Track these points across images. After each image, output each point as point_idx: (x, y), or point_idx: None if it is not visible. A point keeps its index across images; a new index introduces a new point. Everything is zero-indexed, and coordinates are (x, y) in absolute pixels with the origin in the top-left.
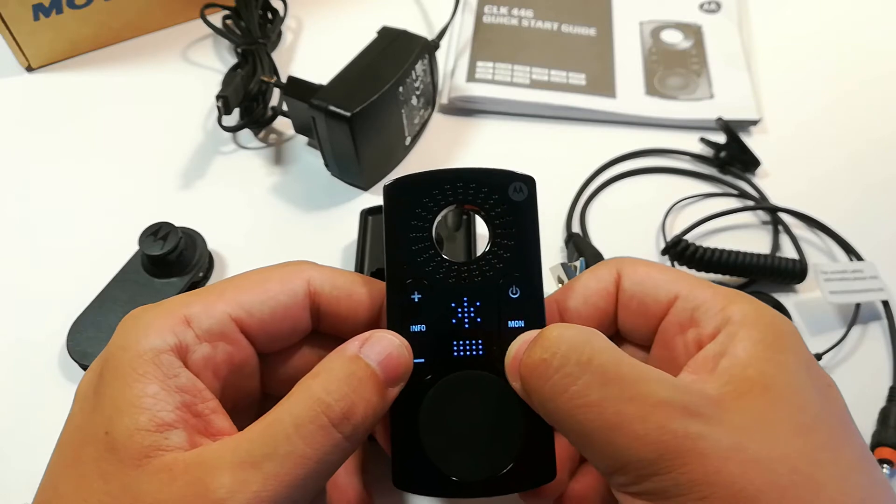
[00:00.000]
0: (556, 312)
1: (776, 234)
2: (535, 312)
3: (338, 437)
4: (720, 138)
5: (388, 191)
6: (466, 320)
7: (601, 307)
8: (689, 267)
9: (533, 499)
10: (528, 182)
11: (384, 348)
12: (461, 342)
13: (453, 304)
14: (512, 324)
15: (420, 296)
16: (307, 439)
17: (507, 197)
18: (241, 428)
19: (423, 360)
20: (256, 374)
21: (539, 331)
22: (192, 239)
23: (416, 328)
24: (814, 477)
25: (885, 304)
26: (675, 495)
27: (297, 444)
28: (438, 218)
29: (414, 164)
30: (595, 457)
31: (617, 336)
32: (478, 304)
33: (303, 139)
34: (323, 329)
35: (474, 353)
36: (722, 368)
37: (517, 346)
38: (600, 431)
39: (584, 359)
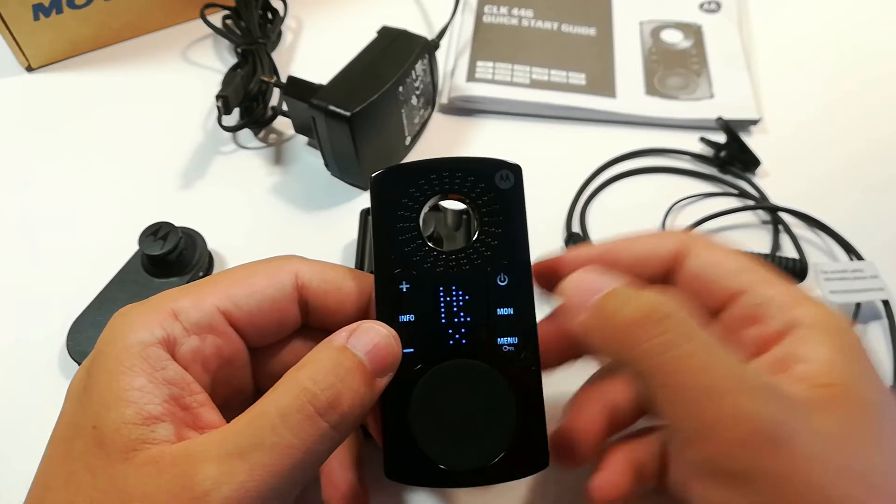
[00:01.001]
0: (603, 259)
1: (776, 233)
2: (524, 299)
3: (324, 427)
4: (720, 138)
5: (375, 181)
6: (455, 309)
7: (649, 275)
8: None
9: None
10: (515, 170)
11: (371, 339)
12: (450, 331)
13: (442, 294)
14: (501, 311)
15: (408, 286)
16: (293, 429)
17: (494, 185)
18: None
19: (412, 350)
20: (247, 368)
21: (621, 287)
22: (192, 239)
23: (404, 318)
24: (893, 492)
25: (886, 303)
26: (752, 482)
27: (284, 434)
28: (426, 208)
29: None
30: (682, 419)
31: None
32: (466, 292)
33: (303, 139)
34: (312, 322)
35: (464, 341)
36: (801, 373)
37: (584, 286)
38: (699, 394)
39: (688, 326)
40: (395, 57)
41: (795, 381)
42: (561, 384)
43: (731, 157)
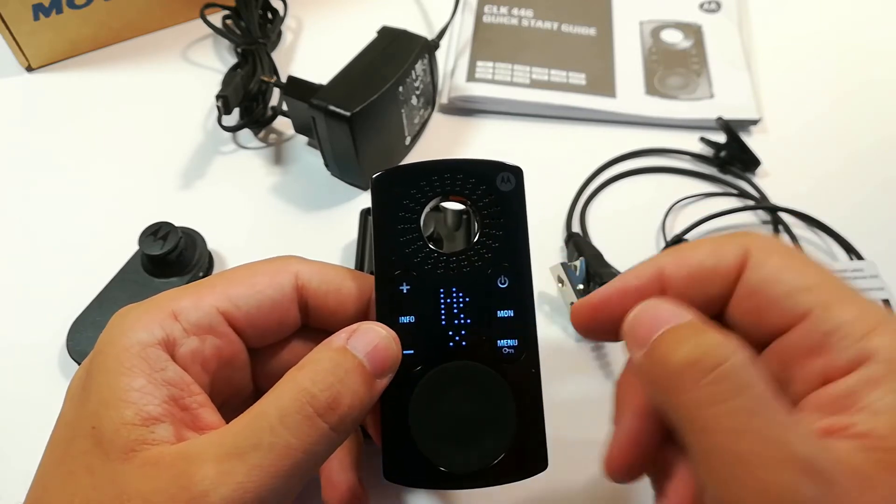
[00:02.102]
0: (657, 283)
1: (776, 233)
2: (524, 302)
3: (323, 428)
4: (720, 138)
5: (376, 182)
6: (456, 311)
7: (710, 294)
8: None
9: None
10: (516, 172)
11: (371, 340)
12: (451, 333)
13: (442, 296)
14: (501, 313)
15: (408, 287)
16: (292, 430)
17: (495, 187)
18: None
19: (412, 352)
20: (247, 368)
21: (683, 324)
22: (192, 239)
23: (404, 320)
24: None
25: (886, 302)
26: None
27: (282, 434)
28: (427, 209)
29: None
30: (713, 485)
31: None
32: (467, 294)
33: (303, 139)
34: (312, 323)
35: (464, 343)
36: (861, 427)
37: (646, 320)
38: (733, 460)
39: (741, 378)
40: (395, 57)
41: (853, 436)
42: (561, 386)
43: (731, 157)
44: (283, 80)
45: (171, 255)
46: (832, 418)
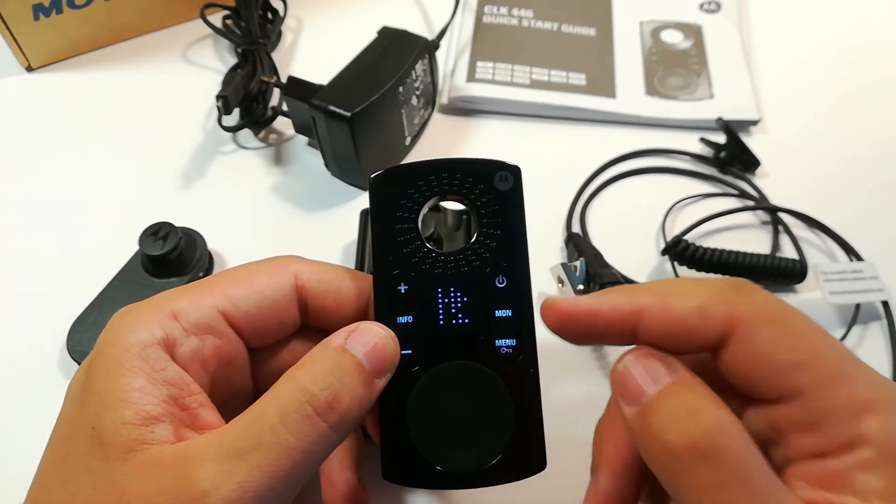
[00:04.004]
0: (631, 323)
1: (776, 234)
2: (522, 301)
3: (323, 427)
4: (720, 138)
5: (374, 182)
6: (454, 310)
7: (682, 348)
8: (690, 267)
9: None
10: (514, 171)
11: (370, 339)
12: (449, 333)
13: (440, 295)
14: (499, 313)
15: (406, 287)
16: (292, 429)
17: (493, 186)
18: None
19: (410, 352)
20: (247, 368)
21: (673, 389)
22: (192, 239)
23: (403, 320)
24: None
25: (885, 304)
26: None
27: (282, 434)
28: (425, 209)
29: None
30: None
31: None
32: (465, 294)
33: (303, 139)
34: (312, 323)
35: (462, 343)
36: None
37: (634, 376)
38: None
39: (742, 464)
40: (395, 57)
41: None
42: (560, 387)
43: (731, 157)
44: (283, 80)
45: (171, 256)
46: (822, 493)
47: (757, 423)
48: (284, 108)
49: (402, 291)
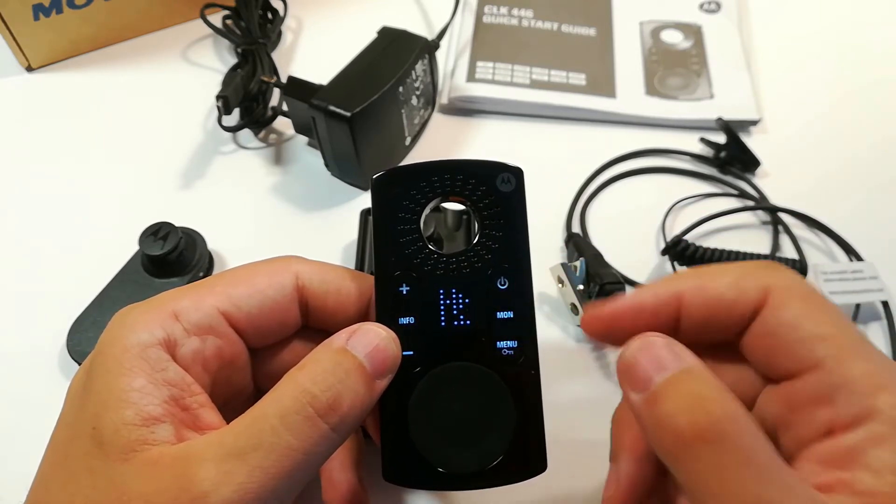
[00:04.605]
0: (674, 307)
1: (776, 234)
2: (523, 303)
3: (324, 428)
4: (720, 138)
5: (376, 183)
6: (455, 312)
7: (724, 325)
8: (690, 267)
9: None
10: (517, 173)
11: (371, 340)
12: (450, 334)
13: (442, 297)
14: (501, 315)
15: (408, 288)
16: (293, 430)
17: (495, 188)
18: None
19: (411, 353)
20: (247, 369)
21: (683, 372)
22: (192, 239)
23: (404, 321)
24: None
25: (885, 304)
26: None
27: (283, 435)
28: (427, 210)
29: None
30: None
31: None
32: (466, 295)
33: (303, 139)
34: (312, 324)
35: (463, 344)
36: (862, 486)
37: (643, 360)
38: None
39: (749, 448)
40: (395, 57)
41: (854, 493)
42: (561, 387)
43: (731, 157)
44: (283, 80)
45: (171, 256)
46: (834, 473)
47: (770, 404)
48: (284, 108)
49: (404, 292)
